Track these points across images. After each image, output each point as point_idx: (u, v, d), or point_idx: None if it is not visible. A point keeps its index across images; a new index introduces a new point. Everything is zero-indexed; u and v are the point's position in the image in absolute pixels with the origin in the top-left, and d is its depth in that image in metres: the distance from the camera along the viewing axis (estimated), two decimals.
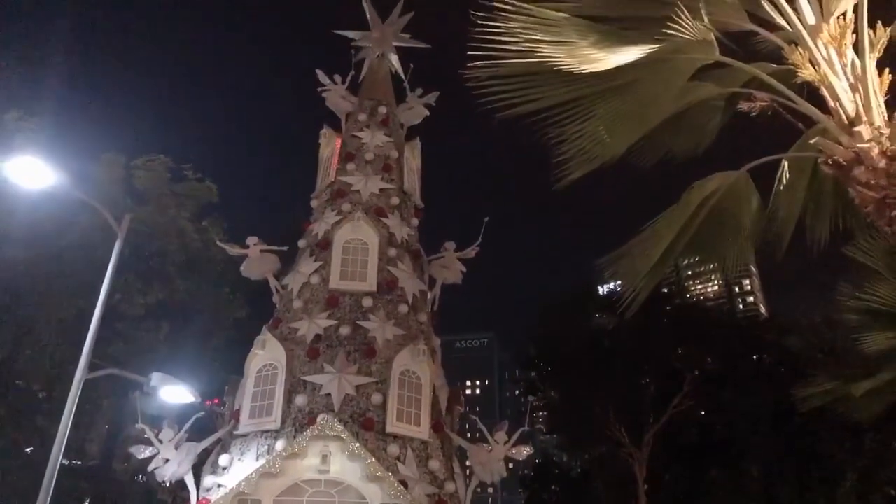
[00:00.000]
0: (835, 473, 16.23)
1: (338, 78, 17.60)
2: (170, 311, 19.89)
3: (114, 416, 22.26)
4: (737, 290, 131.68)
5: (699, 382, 18.53)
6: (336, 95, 17.36)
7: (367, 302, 13.85)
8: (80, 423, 16.38)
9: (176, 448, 12.45)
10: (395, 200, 15.73)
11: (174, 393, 11.57)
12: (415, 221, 16.27)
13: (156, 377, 11.40)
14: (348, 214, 14.92)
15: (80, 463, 23.07)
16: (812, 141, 4.70)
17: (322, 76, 17.52)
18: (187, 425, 12.78)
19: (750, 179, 5.82)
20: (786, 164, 5.80)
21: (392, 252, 14.87)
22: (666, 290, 22.34)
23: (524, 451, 14.14)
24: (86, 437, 21.10)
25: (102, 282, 11.54)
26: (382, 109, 17.20)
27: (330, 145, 17.08)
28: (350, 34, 18.75)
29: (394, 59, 18.85)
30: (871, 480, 15.91)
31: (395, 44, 18.89)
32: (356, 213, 14.82)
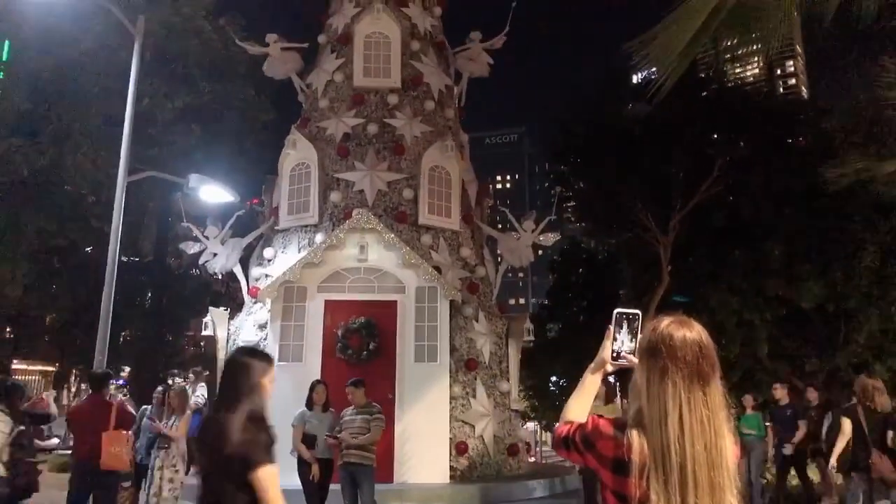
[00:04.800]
0: (857, 251, 16.68)
1: None
2: (199, 114, 19.96)
3: (161, 216, 23.40)
4: (778, 71, 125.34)
5: (730, 167, 18.45)
6: None
7: (393, 99, 13.73)
8: (130, 223, 17.33)
9: (222, 243, 13.29)
10: None
11: (213, 192, 12.04)
12: (438, 11, 15.48)
13: (194, 178, 11.82)
14: (367, 5, 14.24)
15: (137, 259, 24.79)
16: None
17: None
18: (230, 222, 13.53)
19: None
20: None
21: (415, 45, 14.40)
22: (703, 76, 21.40)
23: (551, 238, 14.79)
24: (138, 236, 22.41)
25: (128, 87, 11.54)
26: None
27: None
28: None
29: None
30: (892, 256, 16.40)
31: None
32: (375, 4, 14.13)
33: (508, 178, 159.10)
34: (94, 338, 10.23)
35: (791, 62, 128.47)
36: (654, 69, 7.06)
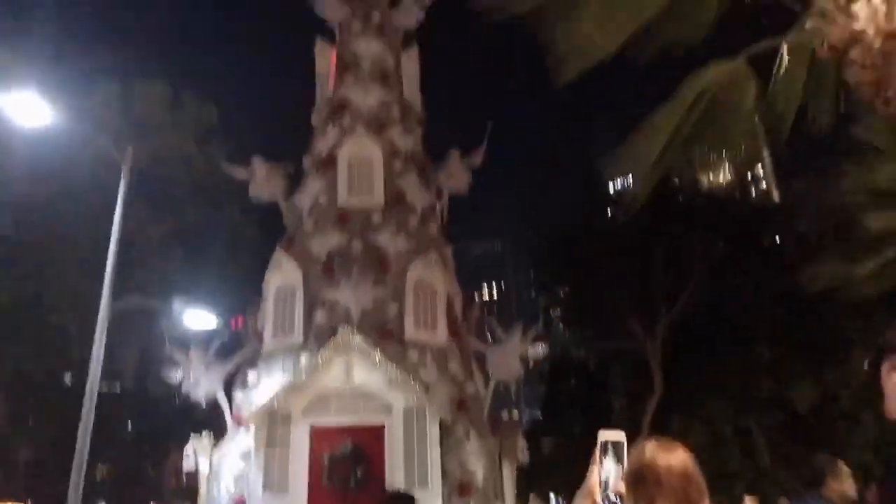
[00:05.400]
0: (845, 350, 16.65)
1: None
2: (184, 236, 20.21)
3: (144, 342, 23.05)
4: (749, 176, 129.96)
5: (710, 271, 18.74)
6: (327, 4, 16.75)
7: (377, 217, 13.96)
8: (112, 351, 17.01)
9: (205, 369, 13.01)
10: (396, 112, 15.52)
11: (196, 317, 11.94)
12: (418, 131, 16.09)
13: (178, 303, 11.75)
14: (349, 130, 14.80)
15: (118, 388, 24.19)
16: (808, 25, 4.57)
17: None
18: (213, 347, 13.30)
19: (748, 68, 5.70)
20: (785, 48, 5.67)
21: (397, 165, 14.83)
22: (677, 181, 22.12)
23: (539, 349, 14.65)
24: (120, 363, 21.99)
25: (114, 213, 11.68)
26: (376, 15, 16.61)
27: (325, 58, 16.69)
28: None
29: None
30: (882, 354, 16.36)
31: None
32: (357, 129, 14.69)
33: (495, 286, 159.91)
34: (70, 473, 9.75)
35: (759, 166, 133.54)
36: (630, 178, 7.28)
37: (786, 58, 5.59)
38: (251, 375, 12.86)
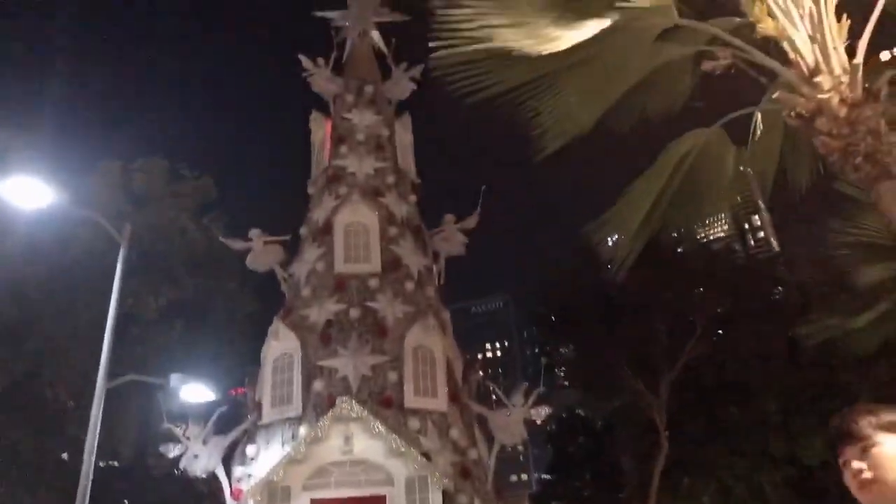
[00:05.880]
0: (850, 402, 16.44)
1: (321, 61, 17.51)
2: (182, 310, 20.19)
3: (142, 417, 22.71)
4: (746, 226, 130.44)
5: (711, 325, 18.66)
6: (321, 79, 17.29)
7: (374, 283, 14.03)
8: (110, 427, 16.80)
9: (204, 443, 12.82)
10: (391, 179, 15.80)
11: (194, 391, 11.87)
12: (413, 197, 16.33)
13: (174, 378, 11.70)
14: (346, 198, 15.03)
15: (115, 464, 23.69)
16: (774, 96, 4.76)
17: (305, 61, 17.40)
18: (212, 421, 13.15)
19: (724, 135, 5.89)
20: (758, 116, 5.87)
21: (393, 231, 15.00)
22: (675, 235, 22.16)
23: (542, 412, 14.46)
24: (118, 439, 21.62)
25: (112, 289, 11.73)
26: (369, 88, 17.14)
27: (321, 130, 17.11)
28: (329, 14, 18.59)
29: (375, 35, 18.68)
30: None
31: (374, 19, 18.69)
32: (353, 196, 14.93)
33: (498, 345, 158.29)
34: None
35: (756, 217, 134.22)
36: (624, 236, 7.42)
37: (760, 125, 5.78)
38: (250, 449, 12.67)
